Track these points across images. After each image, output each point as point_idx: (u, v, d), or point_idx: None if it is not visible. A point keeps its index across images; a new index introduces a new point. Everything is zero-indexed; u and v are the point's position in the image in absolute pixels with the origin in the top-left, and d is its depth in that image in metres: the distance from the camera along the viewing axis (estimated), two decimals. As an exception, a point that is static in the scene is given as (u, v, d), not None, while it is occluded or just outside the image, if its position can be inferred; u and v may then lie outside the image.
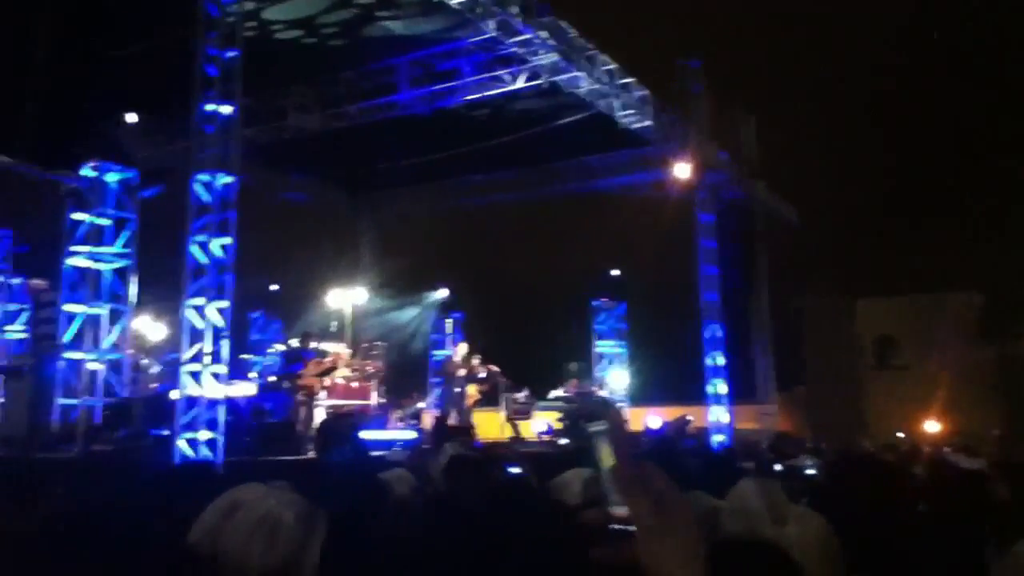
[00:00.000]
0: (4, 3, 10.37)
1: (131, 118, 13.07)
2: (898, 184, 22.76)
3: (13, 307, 13.46)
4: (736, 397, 15.65)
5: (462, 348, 15.19)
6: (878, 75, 22.26)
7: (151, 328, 15.57)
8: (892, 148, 22.79)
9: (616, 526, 1.03)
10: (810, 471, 5.34)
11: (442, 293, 18.53)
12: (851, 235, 22.65)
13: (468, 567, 2.20)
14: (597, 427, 1.06)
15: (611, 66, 12.94)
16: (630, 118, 13.63)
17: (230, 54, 9.25)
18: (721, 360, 15.28)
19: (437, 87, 13.10)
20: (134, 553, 1.83)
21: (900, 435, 16.65)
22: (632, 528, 0.98)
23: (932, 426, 16.86)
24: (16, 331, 13.37)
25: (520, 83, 12.78)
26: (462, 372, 14.44)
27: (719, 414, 15.15)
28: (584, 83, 12.61)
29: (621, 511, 1.01)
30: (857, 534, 1.93)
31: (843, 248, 22.88)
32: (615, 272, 19.01)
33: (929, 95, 21.32)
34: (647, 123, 13.83)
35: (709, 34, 18.25)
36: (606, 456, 1.04)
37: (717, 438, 14.80)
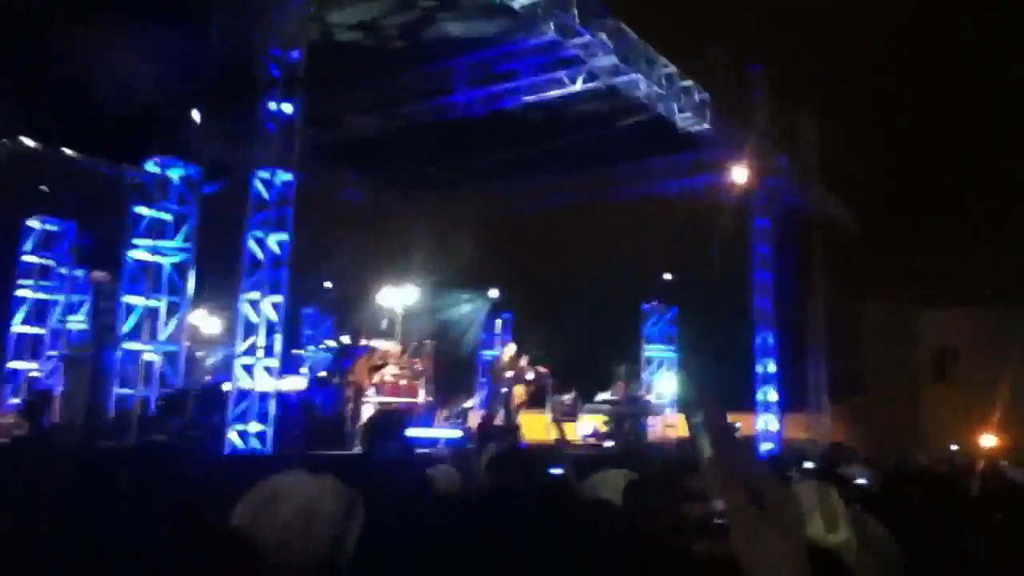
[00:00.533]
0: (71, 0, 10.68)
1: (195, 116, 13.35)
2: (965, 191, 22.16)
3: (76, 298, 13.87)
4: (787, 406, 15.42)
5: (510, 349, 15.20)
6: (943, 76, 21.70)
7: (206, 321, 15.87)
8: (959, 152, 22.21)
9: (719, 520, 1.01)
10: (861, 480, 5.22)
11: (493, 293, 18.56)
12: (914, 243, 22.10)
13: (507, 562, 2.20)
14: (697, 418, 1.04)
15: (670, 69, 12.85)
16: (688, 121, 13.52)
17: (294, 55, 9.42)
18: (772, 367, 15.06)
19: (495, 88, 13.14)
20: (180, 535, 1.87)
21: (955, 448, 16.20)
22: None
23: (988, 440, 16.36)
24: (78, 321, 13.77)
25: (578, 85, 12.76)
26: (510, 373, 14.45)
27: (768, 421, 14.94)
28: (642, 86, 12.54)
29: (722, 505, 0.99)
30: (911, 544, 1.89)
31: (905, 256, 22.35)
32: (667, 276, 18.84)
33: (1000, 94, 20.71)
34: (705, 126, 13.70)
35: (771, 34, 17.97)
36: (704, 447, 1.01)
37: (765, 446, 14.60)
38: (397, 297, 18.13)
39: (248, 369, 8.94)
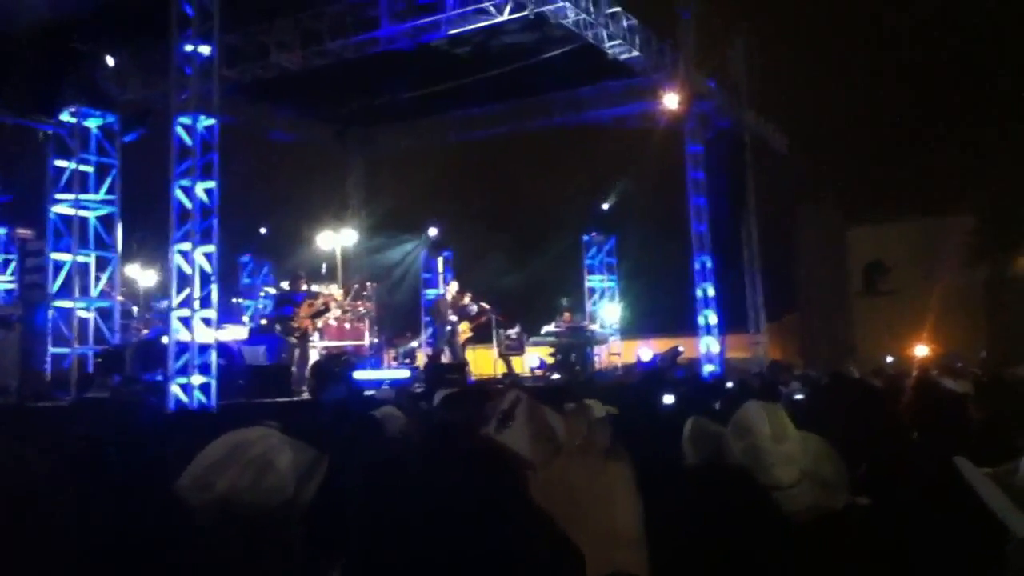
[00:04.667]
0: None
1: (109, 61, 12.79)
2: (890, 109, 22.56)
3: (0, 257, 13.38)
4: (727, 327, 15.74)
5: (453, 286, 15.20)
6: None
7: (141, 275, 15.51)
8: (884, 72, 22.54)
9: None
10: (798, 396, 5.39)
11: (432, 232, 18.45)
12: (842, 162, 22.52)
13: (459, 501, 2.21)
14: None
15: (598, -5, 12.68)
16: (618, 48, 13.41)
17: (206, -9, 9.05)
18: (711, 291, 15.34)
19: (420, 21, 12.81)
20: (126, 501, 1.83)
21: (889, 360, 16.80)
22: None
23: (921, 350, 17.00)
24: (4, 281, 13.31)
25: (505, 15, 12.51)
26: (453, 310, 14.47)
27: (710, 344, 15.27)
28: (570, 13, 12.36)
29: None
30: (843, 456, 1.95)
31: (834, 175, 22.76)
32: (605, 206, 18.93)
33: (924, 15, 20.96)
34: (635, 53, 13.61)
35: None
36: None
37: (708, 368, 14.94)
38: (336, 240, 17.93)
39: (186, 322, 8.78)
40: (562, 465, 0.94)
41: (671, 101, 14.38)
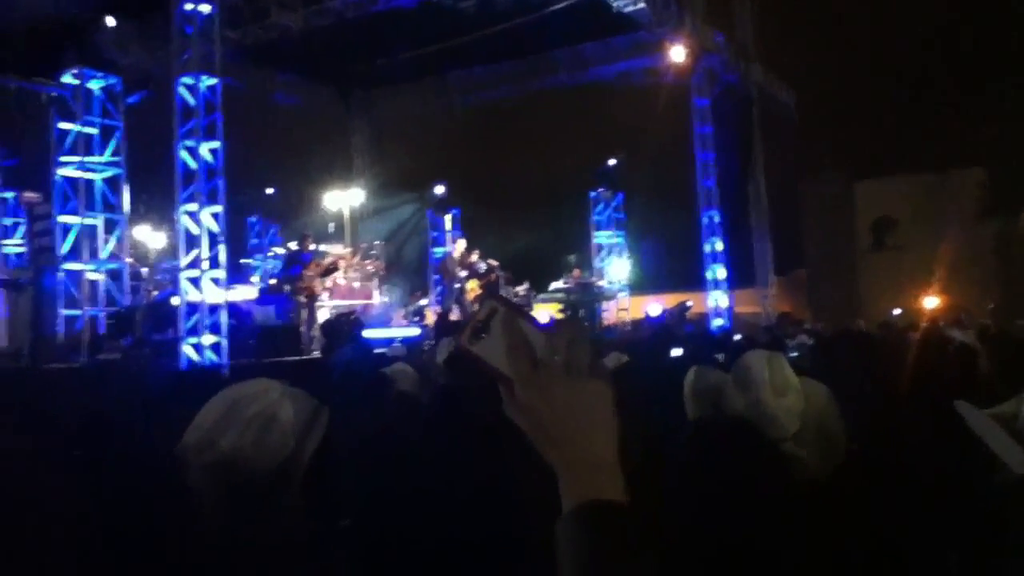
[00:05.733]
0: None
1: (110, 22, 12.69)
2: (896, 62, 22.28)
3: (8, 221, 13.40)
4: (735, 282, 15.74)
5: (460, 244, 15.18)
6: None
7: (151, 237, 15.54)
8: (890, 26, 22.22)
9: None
10: (798, 347, 5.39)
11: (439, 190, 18.38)
12: (850, 117, 22.32)
13: (467, 455, 2.25)
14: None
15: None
16: (623, 1, 13.23)
17: (206, -50, 8.94)
18: (720, 246, 15.30)
19: (421, -24, 12.65)
20: (140, 458, 1.85)
21: (897, 312, 16.80)
22: None
23: (930, 302, 16.99)
24: (14, 245, 13.34)
25: (509, -32, 12.35)
26: (461, 268, 14.48)
27: (718, 299, 15.28)
28: (575, -35, 12.19)
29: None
30: (844, 405, 1.97)
31: (842, 130, 22.58)
32: (612, 162, 18.81)
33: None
34: (641, 5, 13.42)
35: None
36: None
37: (716, 322, 14.96)
38: (343, 200, 17.89)
39: (195, 282, 8.82)
40: (539, 383, 0.91)
41: (677, 54, 14.21)
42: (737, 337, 8.80)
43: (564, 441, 0.90)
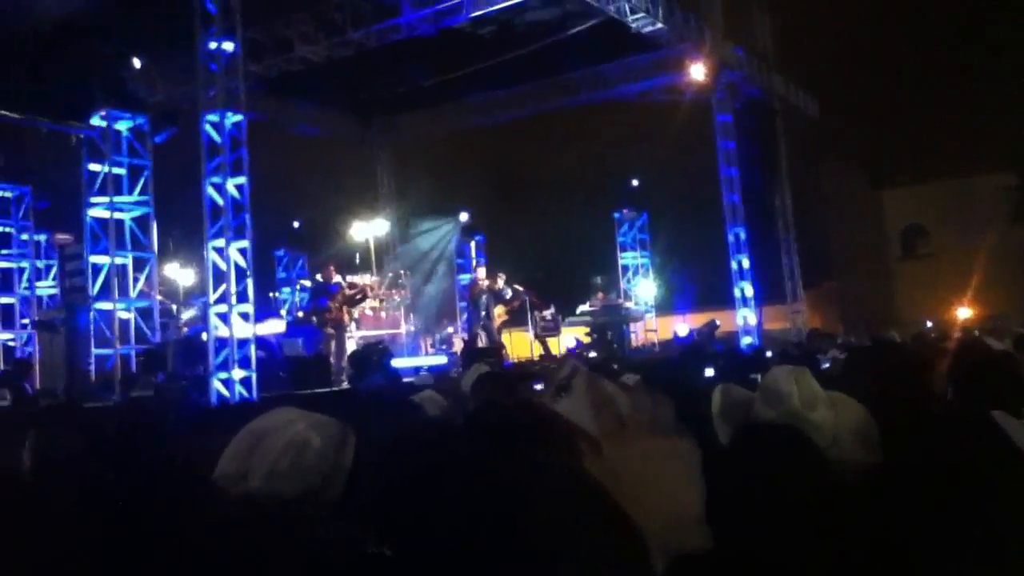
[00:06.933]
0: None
1: (136, 63, 12.93)
2: (920, 68, 22.08)
3: (41, 264, 13.63)
4: (764, 298, 15.59)
5: (482, 270, 15.24)
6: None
7: (180, 274, 15.72)
8: (914, 32, 22.05)
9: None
10: (826, 365, 5.30)
11: (463, 217, 18.45)
12: (875, 125, 22.12)
13: (496, 481, 2.22)
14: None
15: (618, -33, 12.54)
16: (641, 21, 13.26)
17: (227, -12, 9.10)
18: (746, 262, 15.18)
19: (440, 6, 12.77)
20: (164, 495, 1.85)
21: (929, 324, 16.54)
22: None
23: (963, 312, 16.71)
24: (47, 286, 13.57)
25: (526, -7, 12.42)
26: (488, 294, 14.49)
27: (747, 316, 15.13)
28: (591, -13, 12.25)
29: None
30: (877, 419, 1.93)
31: (867, 139, 22.38)
32: (635, 182, 18.80)
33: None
34: (660, 25, 13.45)
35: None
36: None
37: (746, 340, 14.81)
38: (368, 230, 18.01)
39: (223, 317, 8.89)
40: (627, 441, 0.90)
41: (698, 72, 14.21)
42: (769, 354, 8.69)
43: (653, 499, 0.88)
